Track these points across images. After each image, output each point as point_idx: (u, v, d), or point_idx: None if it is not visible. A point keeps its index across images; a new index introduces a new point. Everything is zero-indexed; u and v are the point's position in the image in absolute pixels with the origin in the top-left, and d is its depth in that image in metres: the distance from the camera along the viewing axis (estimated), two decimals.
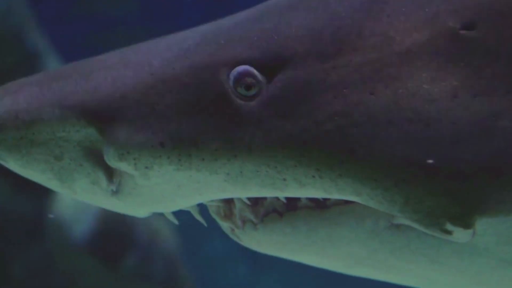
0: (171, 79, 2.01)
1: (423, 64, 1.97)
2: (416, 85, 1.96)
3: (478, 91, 1.95)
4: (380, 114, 1.95)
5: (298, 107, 1.97)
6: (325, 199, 2.05)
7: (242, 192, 2.02)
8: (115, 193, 2.04)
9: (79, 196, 2.09)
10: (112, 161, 2.00)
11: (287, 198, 2.07)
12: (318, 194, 1.99)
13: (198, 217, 2.15)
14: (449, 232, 1.96)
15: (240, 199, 2.08)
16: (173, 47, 2.06)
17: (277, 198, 2.06)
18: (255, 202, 2.09)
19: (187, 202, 2.07)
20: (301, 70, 1.99)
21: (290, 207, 2.07)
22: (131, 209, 2.09)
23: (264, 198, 2.08)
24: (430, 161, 1.93)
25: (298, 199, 2.06)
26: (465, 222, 1.94)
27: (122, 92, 2.01)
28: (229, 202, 2.12)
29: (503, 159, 1.92)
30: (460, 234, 1.96)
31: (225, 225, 2.16)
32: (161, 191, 2.03)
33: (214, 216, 2.15)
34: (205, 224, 2.18)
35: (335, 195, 1.97)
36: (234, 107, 1.98)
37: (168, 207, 2.09)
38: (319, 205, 2.06)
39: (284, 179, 1.97)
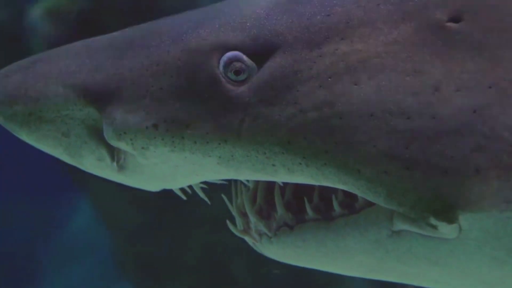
0: (166, 62, 2.05)
1: (408, 56, 1.99)
2: (399, 77, 1.97)
3: (460, 85, 1.96)
4: (363, 106, 1.96)
5: (284, 95, 1.99)
6: (330, 211, 2.08)
7: (236, 175, 2.06)
8: (121, 169, 2.09)
9: (90, 171, 2.15)
10: (112, 140, 2.06)
11: (296, 212, 2.11)
12: (308, 180, 2.01)
13: (201, 194, 2.19)
14: (434, 227, 1.97)
15: (253, 214, 2.13)
16: (172, 30, 2.10)
17: (287, 212, 2.11)
18: (268, 216, 2.14)
19: (187, 181, 2.12)
20: (289, 57, 2.02)
21: (299, 220, 2.10)
22: (139, 184, 2.14)
23: (275, 211, 2.12)
24: (410, 154, 1.94)
25: (305, 211, 2.09)
26: (448, 216, 1.95)
27: (120, 73, 2.06)
28: (246, 216, 2.17)
29: (483, 155, 1.93)
30: (445, 229, 1.97)
31: (248, 239, 2.20)
32: (161, 170, 2.08)
33: (233, 231, 2.20)
34: (209, 202, 2.22)
35: (323, 183, 2.00)
36: (224, 92, 2.02)
37: (170, 185, 2.13)
38: (326, 217, 2.08)
39: (273, 165, 2.00)
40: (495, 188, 1.93)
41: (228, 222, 2.19)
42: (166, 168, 2.07)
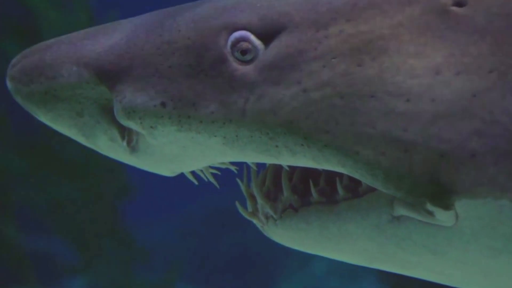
0: (176, 41, 2.08)
1: (411, 38, 2.00)
2: (401, 59, 1.98)
3: (461, 69, 1.96)
4: (364, 87, 1.98)
5: (289, 74, 2.01)
6: (335, 195, 2.10)
7: (241, 156, 2.08)
8: (133, 151, 2.13)
9: (105, 153, 2.19)
10: (121, 119, 2.09)
11: (301, 195, 2.13)
12: (310, 163, 2.03)
13: (211, 178, 2.22)
14: (431, 213, 1.97)
15: (260, 196, 2.16)
16: (186, 11, 2.13)
17: (292, 194, 2.13)
18: (275, 198, 2.16)
19: (196, 163, 2.14)
20: (295, 38, 2.04)
21: (304, 203, 2.12)
22: (151, 167, 2.18)
23: (282, 194, 2.14)
24: (408, 137, 1.94)
25: (310, 194, 2.11)
26: (444, 202, 1.95)
27: (132, 51, 2.10)
28: (254, 199, 2.19)
29: (480, 140, 1.92)
30: (442, 216, 1.97)
31: (256, 222, 2.22)
32: (170, 151, 2.11)
33: (242, 213, 2.22)
34: (218, 187, 2.26)
35: (324, 165, 2.01)
36: (230, 71, 2.04)
37: (180, 167, 2.16)
38: (330, 201, 2.09)
39: (277, 146, 2.02)
40: (491, 174, 1.92)
41: (237, 204, 2.22)
42: (174, 148, 2.09)
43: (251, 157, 2.07)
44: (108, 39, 2.13)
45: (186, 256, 11.78)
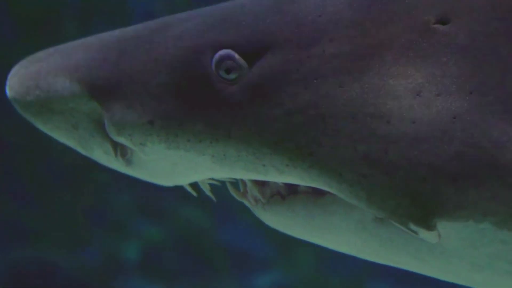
0: (163, 59, 2.08)
1: (393, 58, 1.97)
2: (382, 80, 1.96)
3: (441, 89, 1.94)
4: (346, 108, 1.96)
5: (272, 96, 2.00)
6: None
7: (231, 173, 2.08)
8: (128, 164, 2.15)
9: (103, 164, 2.21)
10: (112, 135, 2.11)
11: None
12: (297, 181, 2.02)
13: (207, 191, 2.22)
14: (415, 232, 1.97)
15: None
16: (175, 27, 2.12)
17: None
18: (262, 182, 2.14)
19: (188, 178, 2.15)
20: (278, 58, 2.01)
21: (291, 191, 2.12)
22: (149, 178, 2.19)
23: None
24: (389, 159, 1.93)
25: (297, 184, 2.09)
26: (426, 224, 1.94)
27: (121, 68, 2.10)
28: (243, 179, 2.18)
29: (461, 164, 1.90)
30: (426, 235, 1.96)
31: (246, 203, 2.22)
32: (162, 166, 2.12)
33: (233, 194, 2.22)
34: (215, 200, 2.26)
35: (312, 185, 2.01)
36: (215, 91, 2.03)
37: (174, 181, 2.17)
38: (316, 191, 2.08)
39: (264, 165, 2.02)
40: (472, 198, 1.91)
41: (228, 184, 2.20)
42: (166, 164, 2.10)
43: (241, 174, 2.08)
44: (100, 53, 2.13)
45: None
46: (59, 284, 7.32)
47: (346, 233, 2.07)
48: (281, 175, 2.02)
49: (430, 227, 1.95)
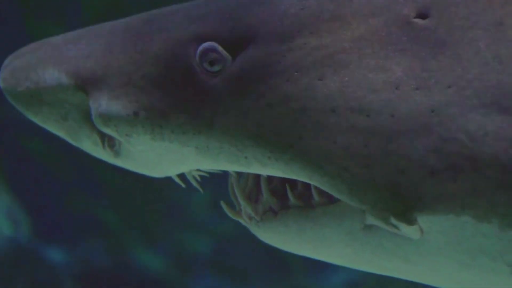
0: (148, 50, 2.09)
1: (373, 51, 1.97)
2: (362, 73, 1.96)
3: (420, 83, 1.93)
4: (326, 101, 1.96)
5: (254, 88, 2.01)
6: (311, 199, 2.08)
7: (215, 165, 2.09)
8: (116, 155, 2.16)
9: (94, 155, 2.23)
10: (99, 126, 2.12)
11: (280, 197, 2.13)
12: (279, 174, 2.03)
13: (194, 182, 2.22)
14: (396, 227, 1.96)
15: (241, 197, 2.16)
16: (162, 20, 2.14)
17: (272, 196, 2.13)
18: (256, 200, 2.16)
19: (175, 169, 2.16)
20: (261, 50, 2.02)
21: (283, 206, 2.12)
22: (137, 169, 2.20)
23: (262, 196, 2.15)
24: (368, 152, 1.93)
25: (288, 198, 2.11)
26: (406, 218, 1.94)
27: (108, 60, 2.11)
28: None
29: (438, 157, 1.91)
30: (407, 230, 1.96)
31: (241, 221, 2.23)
32: (148, 157, 2.13)
33: (227, 212, 2.22)
34: (202, 191, 2.27)
35: (293, 177, 2.02)
36: (199, 82, 2.05)
37: (161, 172, 2.18)
38: (307, 205, 2.09)
39: (246, 157, 2.02)
40: (450, 191, 1.91)
41: (222, 203, 2.22)
42: (152, 155, 2.12)
43: (224, 166, 2.09)
44: (89, 44, 2.15)
45: None
46: (131, 280, 7.38)
47: (338, 244, 2.07)
48: (264, 168, 2.03)
49: (410, 221, 1.94)
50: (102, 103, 2.10)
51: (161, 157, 2.11)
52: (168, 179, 2.23)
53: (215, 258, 7.47)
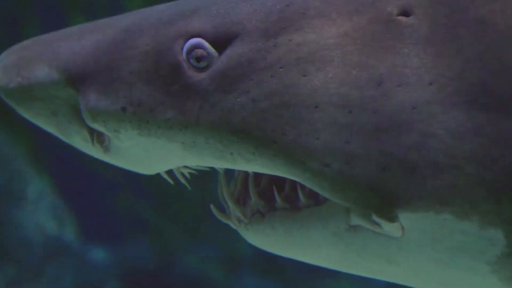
0: (137, 46, 2.10)
1: (357, 48, 1.97)
2: (346, 70, 1.96)
3: (402, 80, 1.93)
4: (309, 97, 1.96)
5: (239, 83, 2.01)
6: (298, 201, 2.09)
7: (201, 161, 2.09)
8: (106, 151, 2.18)
9: (83, 151, 2.25)
10: (88, 121, 2.13)
11: (268, 199, 2.12)
12: (264, 170, 2.03)
13: (181, 179, 2.23)
14: (378, 224, 1.96)
15: (230, 200, 2.16)
16: (152, 16, 2.15)
17: (260, 199, 2.13)
18: (244, 202, 2.16)
19: (163, 165, 2.16)
20: (246, 46, 2.03)
21: (271, 208, 2.12)
22: (126, 166, 2.21)
23: (250, 199, 2.14)
24: (350, 149, 1.93)
25: (275, 200, 2.11)
26: (388, 215, 1.94)
27: (98, 56, 2.13)
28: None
29: (419, 154, 1.90)
30: (388, 228, 1.96)
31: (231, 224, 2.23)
32: (136, 154, 2.14)
33: (217, 215, 2.23)
34: (189, 188, 2.27)
35: (277, 173, 2.02)
36: (185, 78, 2.05)
37: (149, 169, 2.19)
38: (294, 207, 2.09)
39: (231, 153, 2.03)
40: (430, 188, 1.90)
41: (212, 206, 2.22)
42: (140, 151, 2.13)
43: (210, 162, 2.09)
44: (80, 41, 2.17)
45: None
46: (176, 280, 7.39)
47: (324, 246, 2.06)
48: (248, 164, 2.03)
49: (391, 218, 1.94)
50: (91, 98, 2.11)
51: (149, 153, 2.12)
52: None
53: (259, 258, 7.44)
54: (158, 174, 2.21)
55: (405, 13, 1.98)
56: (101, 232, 7.44)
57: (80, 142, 2.21)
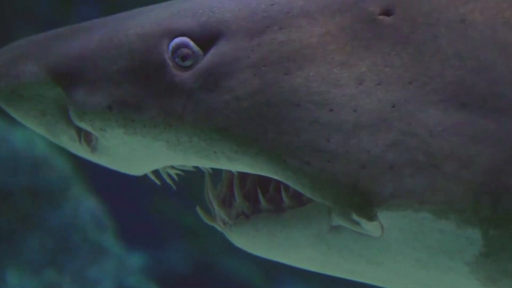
0: (123, 45, 2.12)
1: (338, 47, 1.99)
2: (327, 68, 1.98)
3: (382, 79, 1.95)
4: (291, 96, 1.98)
5: (223, 82, 2.03)
6: (282, 202, 2.09)
7: (185, 160, 2.10)
8: (93, 151, 2.19)
9: (71, 151, 2.26)
10: (75, 120, 2.15)
11: (253, 201, 2.14)
12: (246, 169, 2.04)
13: (167, 179, 2.23)
14: (357, 223, 1.96)
15: (215, 201, 2.17)
16: (140, 15, 2.17)
17: (244, 200, 2.13)
18: (230, 204, 2.17)
19: (148, 165, 2.17)
20: (231, 45, 2.05)
21: (255, 210, 2.13)
22: (114, 166, 2.22)
23: (235, 200, 2.16)
24: (331, 147, 1.95)
25: (259, 202, 2.12)
26: (367, 213, 1.94)
27: (85, 55, 2.14)
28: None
29: (397, 152, 1.92)
30: (368, 227, 1.96)
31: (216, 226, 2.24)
32: (123, 153, 2.16)
33: (202, 217, 2.24)
34: (174, 188, 2.27)
35: (260, 172, 2.03)
36: (170, 77, 2.07)
37: (136, 169, 2.20)
38: (277, 208, 2.10)
39: (215, 152, 2.04)
40: (409, 186, 1.91)
41: (198, 208, 2.24)
42: (126, 150, 2.14)
43: (194, 161, 2.10)
44: (68, 41, 2.18)
45: None
46: (214, 285, 7.37)
47: (306, 247, 2.07)
48: (232, 162, 2.05)
49: (370, 216, 1.95)
50: (78, 97, 2.12)
51: (135, 152, 2.13)
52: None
53: None
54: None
55: (387, 12, 2.00)
56: (140, 237, 7.45)
57: (68, 141, 2.21)
